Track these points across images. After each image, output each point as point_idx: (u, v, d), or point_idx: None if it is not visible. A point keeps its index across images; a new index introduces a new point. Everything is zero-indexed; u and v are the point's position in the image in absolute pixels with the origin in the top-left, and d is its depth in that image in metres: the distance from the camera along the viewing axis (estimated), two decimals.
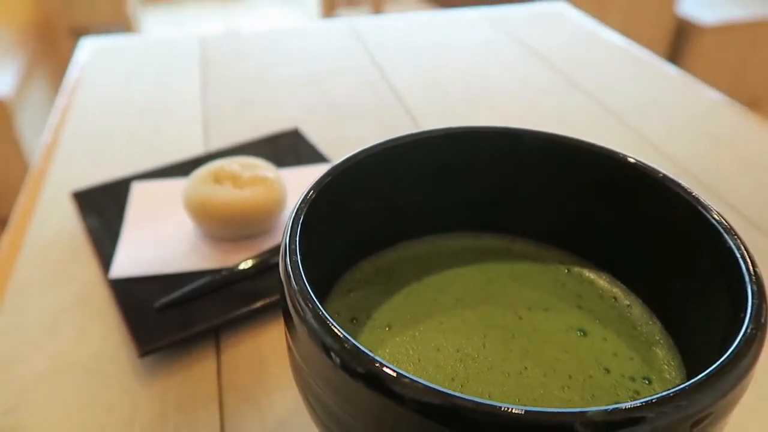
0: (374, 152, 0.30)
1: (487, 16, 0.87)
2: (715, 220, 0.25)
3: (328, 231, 0.29)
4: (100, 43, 0.73)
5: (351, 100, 0.63)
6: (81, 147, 0.53)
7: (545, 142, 0.31)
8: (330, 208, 0.29)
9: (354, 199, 0.31)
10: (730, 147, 0.57)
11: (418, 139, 0.31)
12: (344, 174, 0.29)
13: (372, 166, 0.30)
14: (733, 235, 0.24)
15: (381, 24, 0.85)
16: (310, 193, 0.27)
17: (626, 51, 0.77)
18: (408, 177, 0.32)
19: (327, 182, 0.27)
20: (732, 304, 0.23)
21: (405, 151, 0.30)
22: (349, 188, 0.30)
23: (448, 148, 0.31)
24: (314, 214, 0.27)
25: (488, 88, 0.67)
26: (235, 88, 0.64)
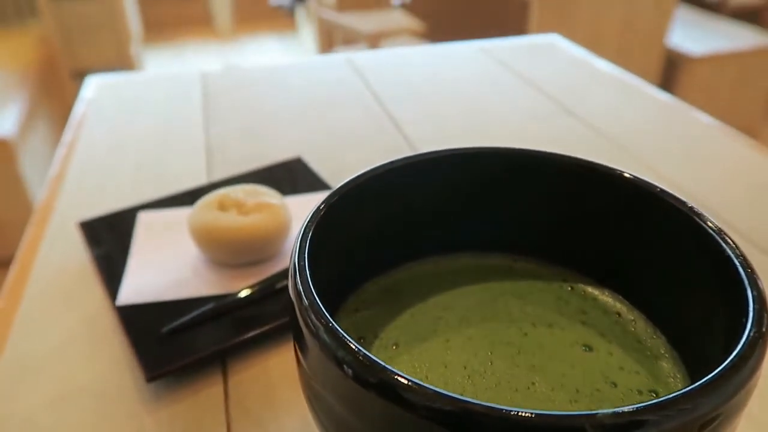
0: (379, 173, 0.31)
1: (482, 48, 0.89)
2: (711, 229, 0.25)
3: (334, 252, 0.30)
4: (105, 79, 0.75)
5: (351, 130, 0.64)
6: (87, 179, 0.53)
7: (543, 160, 0.32)
8: (335, 229, 0.29)
9: (358, 220, 0.31)
10: (725, 168, 0.58)
11: (421, 160, 0.31)
12: (350, 194, 0.30)
13: (376, 186, 0.31)
14: (730, 243, 0.24)
15: (378, 57, 0.87)
16: (318, 211, 0.27)
17: (619, 79, 0.79)
18: (411, 197, 0.33)
19: (333, 201, 0.28)
20: (734, 312, 0.24)
21: (408, 172, 0.31)
22: (353, 209, 0.31)
23: (449, 169, 0.32)
24: (321, 234, 0.28)
25: (485, 116, 0.68)
26: (236, 120, 0.65)
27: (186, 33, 3.95)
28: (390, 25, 2.73)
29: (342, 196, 0.29)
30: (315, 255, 0.26)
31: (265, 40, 3.88)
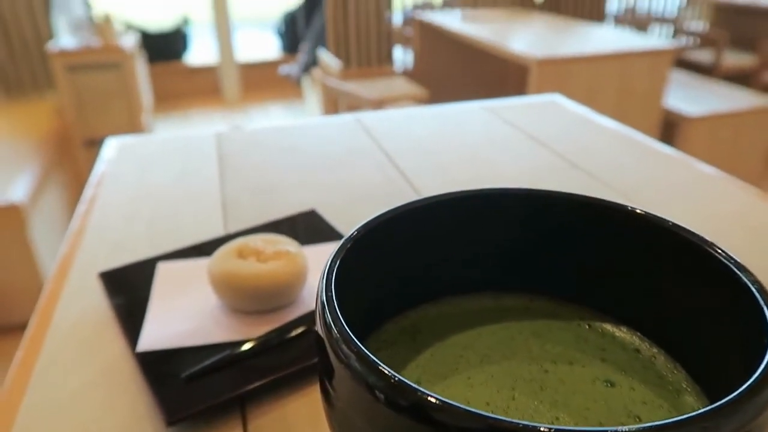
0: (399, 213, 0.32)
1: (485, 106, 0.93)
2: (725, 258, 0.26)
3: (355, 292, 0.31)
4: (123, 141, 0.77)
5: (362, 184, 0.66)
6: (106, 234, 0.55)
7: (557, 201, 0.33)
8: (357, 269, 0.30)
9: (379, 260, 0.32)
10: (730, 214, 0.59)
11: (442, 201, 0.32)
12: (373, 232, 0.31)
13: (397, 226, 0.32)
14: (746, 271, 0.25)
15: (385, 117, 0.90)
16: (343, 247, 0.28)
17: (621, 134, 0.81)
18: (431, 238, 0.34)
19: (359, 236, 0.29)
20: (753, 340, 0.24)
21: (429, 212, 0.32)
22: (375, 248, 0.31)
23: (468, 210, 0.33)
24: (344, 272, 0.28)
25: (492, 168, 0.70)
26: (251, 177, 0.67)
27: (195, 103, 4.07)
28: (393, 91, 2.82)
29: (366, 232, 0.30)
30: (339, 292, 0.27)
31: (271, 108, 4.00)
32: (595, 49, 2.17)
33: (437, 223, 0.33)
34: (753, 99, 2.46)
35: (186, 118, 3.82)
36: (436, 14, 3.15)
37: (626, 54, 2.14)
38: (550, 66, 2.05)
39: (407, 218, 0.32)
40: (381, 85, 2.91)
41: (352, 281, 0.29)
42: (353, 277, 0.30)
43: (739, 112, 2.34)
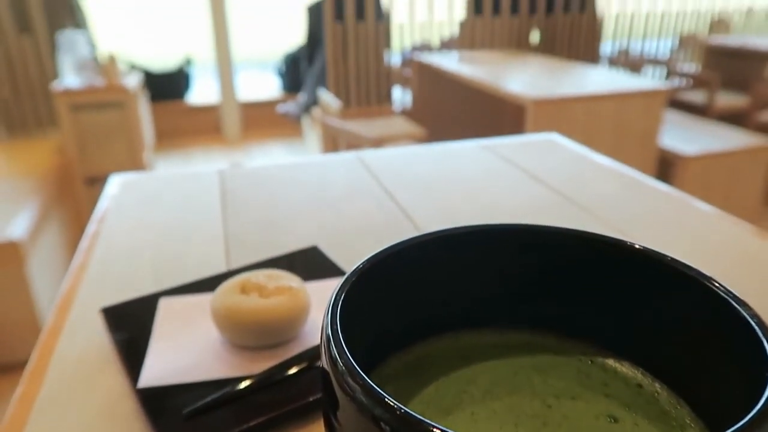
0: (400, 248, 0.32)
1: (483, 145, 0.94)
2: (723, 292, 0.27)
3: (358, 327, 0.31)
4: (127, 177, 0.78)
5: (364, 220, 0.66)
6: (109, 269, 0.55)
7: (557, 236, 0.34)
8: (360, 305, 0.30)
9: (382, 296, 0.32)
10: (729, 252, 0.59)
11: (445, 236, 0.33)
12: (375, 268, 0.31)
13: (400, 261, 0.32)
14: (744, 305, 0.25)
15: (385, 155, 0.91)
16: (348, 280, 0.29)
17: (617, 171, 0.82)
18: (433, 273, 0.34)
19: (365, 269, 0.29)
20: (754, 374, 0.24)
21: (431, 248, 0.33)
22: (377, 284, 0.32)
23: (468, 245, 0.34)
24: (347, 307, 0.29)
25: (491, 205, 0.71)
26: (253, 213, 0.68)
27: (196, 141, 4.12)
28: (392, 130, 2.85)
29: (371, 266, 0.30)
30: (344, 326, 0.27)
31: (272, 147, 4.04)
32: (591, 89, 2.22)
33: (441, 258, 0.34)
34: (747, 138, 2.49)
35: (187, 156, 3.85)
36: (434, 56, 3.22)
37: (621, 94, 2.18)
38: (546, 106, 2.08)
39: (412, 252, 0.33)
40: (380, 124, 2.95)
41: (356, 316, 0.30)
42: (357, 311, 0.30)
43: (734, 151, 2.37)
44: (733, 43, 3.58)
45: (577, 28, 3.71)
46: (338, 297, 0.28)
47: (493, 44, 3.56)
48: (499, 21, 3.52)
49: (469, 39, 3.51)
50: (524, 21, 3.58)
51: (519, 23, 3.57)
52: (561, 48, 3.72)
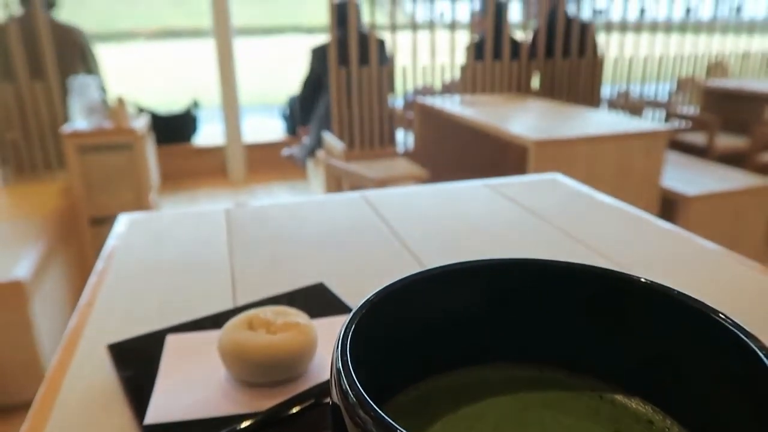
0: (410, 281, 0.33)
1: (487, 184, 0.95)
2: (731, 325, 0.27)
3: (366, 362, 0.31)
4: (134, 216, 0.79)
5: (369, 258, 0.67)
6: (116, 306, 0.55)
7: (565, 271, 0.34)
8: (368, 339, 0.31)
9: (390, 330, 0.33)
10: (734, 290, 0.59)
11: (453, 270, 0.33)
12: (384, 301, 0.31)
13: (408, 295, 0.33)
14: (752, 338, 0.26)
15: (389, 194, 0.92)
16: (356, 314, 0.29)
17: (621, 210, 0.83)
18: (440, 308, 0.34)
19: (376, 300, 0.30)
20: (764, 406, 0.24)
21: (440, 282, 0.33)
22: (386, 318, 0.32)
23: (478, 280, 0.34)
24: (355, 342, 0.29)
25: (496, 243, 0.71)
26: (260, 251, 0.68)
27: (201, 183, 4.16)
28: (395, 171, 2.88)
29: (381, 299, 0.30)
30: (353, 360, 0.27)
31: (276, 189, 4.07)
32: (592, 131, 2.25)
33: (449, 293, 0.34)
34: (749, 179, 2.51)
35: (192, 197, 3.88)
36: (436, 99, 3.28)
37: (622, 135, 2.21)
38: (548, 147, 2.11)
39: (421, 286, 0.33)
40: (383, 166, 2.98)
41: (364, 350, 0.30)
42: (366, 345, 0.30)
43: (737, 190, 2.38)
44: (731, 85, 3.63)
45: (576, 72, 3.78)
46: (348, 329, 0.28)
47: (493, 88, 3.63)
48: (500, 65, 3.59)
49: (471, 83, 3.58)
50: (524, 66, 3.65)
51: (519, 68, 3.64)
52: (561, 92, 3.79)
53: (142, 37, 16.75)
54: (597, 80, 3.86)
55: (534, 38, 3.71)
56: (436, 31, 3.45)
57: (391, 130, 3.57)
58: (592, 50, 3.78)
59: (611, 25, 3.85)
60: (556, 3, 3.64)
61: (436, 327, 0.35)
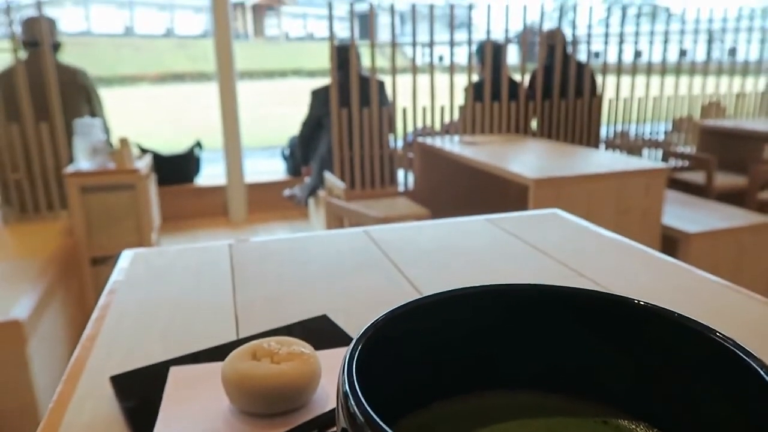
0: (413, 307, 0.33)
1: (488, 219, 0.96)
2: (732, 345, 0.27)
3: (371, 388, 0.31)
4: (138, 252, 0.80)
5: (372, 292, 0.67)
6: (119, 339, 0.55)
7: (565, 295, 0.35)
8: (372, 365, 0.31)
9: (394, 356, 0.33)
10: (741, 324, 0.59)
11: (455, 295, 0.34)
12: (388, 325, 0.32)
13: (410, 323, 0.33)
14: (753, 357, 0.26)
15: (392, 230, 0.93)
16: (362, 337, 0.29)
17: (622, 244, 0.84)
18: (442, 334, 0.34)
19: (381, 324, 0.30)
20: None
21: (441, 308, 0.33)
22: (389, 344, 0.32)
23: (481, 305, 0.34)
24: (361, 366, 0.29)
25: (498, 277, 0.72)
26: (263, 285, 0.69)
27: (202, 222, 4.17)
28: (396, 211, 2.90)
29: (386, 323, 0.31)
30: (359, 382, 0.28)
31: (277, 228, 4.08)
32: (592, 169, 2.27)
33: (454, 318, 0.34)
34: (750, 216, 2.52)
35: (193, 237, 3.89)
36: (436, 139, 3.32)
37: (621, 173, 2.23)
38: (548, 185, 2.13)
39: (426, 311, 0.33)
40: (384, 205, 3.00)
41: (370, 375, 0.30)
42: (371, 370, 0.30)
43: (738, 228, 2.39)
44: (727, 125, 3.69)
45: (573, 112, 3.84)
46: (353, 352, 0.28)
47: (492, 129, 3.68)
48: (498, 106, 3.65)
49: (470, 123, 3.63)
50: (522, 106, 3.71)
51: (517, 108, 3.70)
52: (559, 132, 3.84)
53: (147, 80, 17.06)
54: (595, 120, 3.92)
55: (532, 79, 3.78)
56: (435, 73, 3.52)
57: (392, 170, 3.60)
58: (591, 90, 3.85)
59: (608, 67, 3.93)
60: (553, 45, 3.73)
61: (441, 352, 0.35)
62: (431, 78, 3.51)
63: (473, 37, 3.62)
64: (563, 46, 3.71)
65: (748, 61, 4.37)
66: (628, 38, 3.90)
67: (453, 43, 3.58)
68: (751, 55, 4.36)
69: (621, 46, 3.91)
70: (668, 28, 4.05)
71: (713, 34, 4.21)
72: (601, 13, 4.16)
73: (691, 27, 4.12)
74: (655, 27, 3.97)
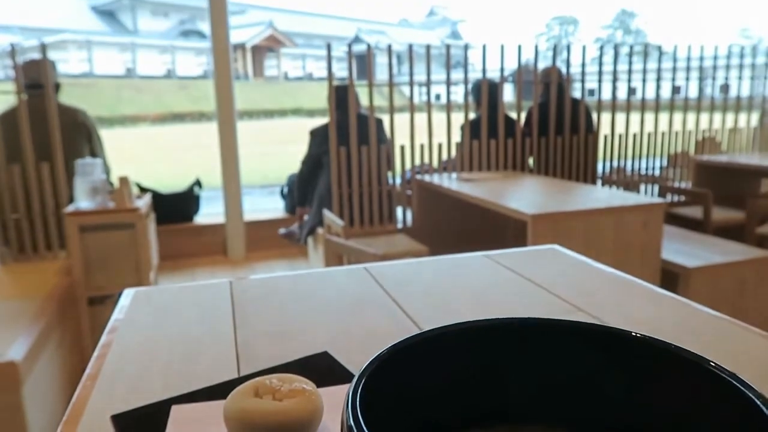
0: (414, 342, 0.33)
1: (487, 255, 0.96)
2: (728, 376, 0.27)
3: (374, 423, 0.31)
4: (139, 290, 0.80)
5: (373, 329, 0.67)
6: (120, 378, 0.55)
7: (567, 329, 0.35)
8: (375, 399, 0.31)
9: (395, 390, 0.33)
10: (740, 356, 0.59)
11: (456, 330, 0.34)
12: (390, 361, 0.32)
13: (413, 356, 0.33)
14: (750, 388, 0.26)
15: (392, 267, 0.93)
16: (365, 370, 0.29)
17: (621, 279, 0.84)
18: (446, 368, 0.35)
19: (386, 357, 0.30)
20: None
21: (446, 341, 0.34)
22: (392, 377, 0.33)
23: (482, 339, 0.35)
24: (363, 400, 0.29)
25: (497, 311, 0.72)
26: (264, 322, 0.69)
27: (200, 262, 4.16)
28: (395, 247, 2.90)
29: (391, 355, 0.31)
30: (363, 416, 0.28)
31: (275, 266, 4.07)
32: (590, 205, 2.28)
33: (456, 352, 0.35)
34: (749, 251, 2.53)
35: (192, 275, 3.88)
36: (434, 176, 3.35)
37: (619, 208, 2.24)
38: (546, 221, 2.14)
39: (430, 345, 0.34)
40: (383, 242, 3.01)
41: (372, 410, 0.30)
42: (374, 405, 0.30)
43: (739, 262, 2.39)
44: (722, 160, 3.73)
45: (569, 149, 3.88)
46: (357, 386, 0.28)
47: (489, 165, 3.71)
48: (495, 143, 3.70)
49: (467, 160, 3.67)
50: (519, 143, 3.75)
51: (514, 146, 3.74)
52: (556, 169, 3.87)
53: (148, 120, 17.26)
54: (591, 157, 3.96)
55: (528, 117, 3.84)
56: (432, 111, 3.57)
57: (391, 207, 3.62)
58: (587, 126, 3.90)
59: (602, 104, 4.00)
60: (548, 83, 3.79)
61: (444, 387, 0.35)
62: (429, 116, 3.56)
63: (469, 76, 3.69)
64: (558, 84, 3.78)
65: (740, 97, 4.45)
66: (622, 76, 3.98)
67: (449, 82, 3.65)
68: (743, 91, 4.43)
69: (615, 83, 3.98)
70: (661, 66, 4.14)
71: (705, 72, 4.29)
72: (593, 52, 4.25)
73: (683, 65, 4.21)
74: (648, 65, 4.05)
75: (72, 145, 3.10)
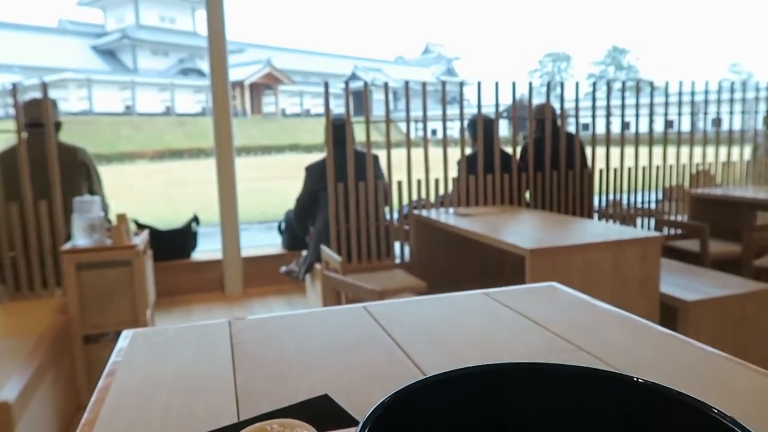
0: (417, 387, 0.33)
1: (486, 293, 0.96)
2: (730, 422, 0.27)
3: None
4: (138, 332, 0.80)
5: (373, 370, 0.67)
6: (119, 422, 0.54)
7: (570, 374, 0.35)
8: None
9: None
10: (741, 397, 0.59)
11: (460, 375, 0.34)
12: (397, 405, 0.32)
13: (418, 402, 0.33)
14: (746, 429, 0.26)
15: (390, 305, 0.93)
16: (368, 420, 0.29)
17: (620, 316, 0.84)
18: (449, 415, 0.35)
19: (387, 405, 0.30)
20: None
21: (450, 386, 0.34)
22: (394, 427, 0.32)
23: (485, 385, 0.35)
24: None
25: (498, 352, 0.71)
26: (263, 363, 0.68)
27: (197, 298, 4.14)
28: (394, 283, 2.89)
29: (394, 402, 0.31)
30: None
31: (273, 303, 4.05)
32: (587, 239, 2.29)
33: (460, 398, 0.35)
34: (747, 284, 2.53)
35: (188, 312, 3.85)
36: (431, 211, 3.36)
37: (617, 242, 2.25)
38: (544, 255, 2.14)
39: (434, 391, 0.34)
40: (381, 278, 3.00)
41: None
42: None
43: (738, 296, 2.39)
44: (717, 193, 3.76)
45: (564, 183, 3.91)
46: (365, 425, 0.28)
47: (486, 200, 3.73)
48: (491, 178, 3.72)
49: (464, 195, 3.69)
50: (515, 178, 3.78)
51: (510, 180, 3.77)
52: (552, 203, 3.90)
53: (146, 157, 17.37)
54: (587, 191, 3.99)
55: (524, 152, 3.88)
56: (429, 147, 3.61)
57: (388, 242, 3.62)
58: (582, 161, 3.94)
59: (597, 138, 4.04)
60: (543, 119, 3.84)
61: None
62: (425, 151, 3.59)
63: (465, 112, 3.74)
64: (552, 119, 3.83)
65: (732, 130, 4.51)
66: (615, 111, 4.04)
67: (446, 118, 3.70)
68: (735, 125, 4.50)
69: (608, 118, 4.04)
70: (653, 101, 4.20)
71: (697, 106, 4.36)
72: (586, 87, 4.32)
73: (675, 99, 4.28)
74: (641, 100, 4.12)
75: (71, 183, 3.12)
